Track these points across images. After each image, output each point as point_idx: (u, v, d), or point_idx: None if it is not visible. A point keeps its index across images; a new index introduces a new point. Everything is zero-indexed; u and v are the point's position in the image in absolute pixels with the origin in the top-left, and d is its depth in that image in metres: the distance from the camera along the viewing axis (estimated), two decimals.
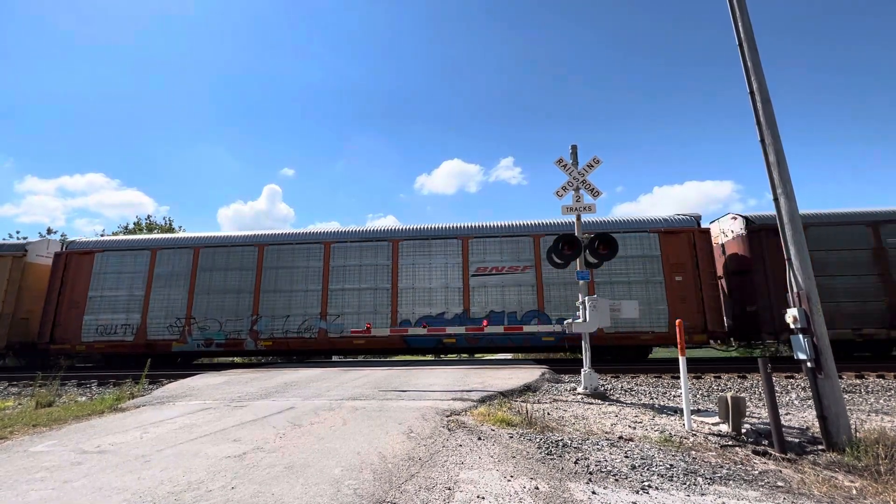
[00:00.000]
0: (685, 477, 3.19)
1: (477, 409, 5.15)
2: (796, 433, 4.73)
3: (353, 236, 12.78)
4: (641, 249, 11.74)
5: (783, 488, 3.11)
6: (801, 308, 4.47)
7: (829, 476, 3.45)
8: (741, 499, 2.84)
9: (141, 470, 3.18)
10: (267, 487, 2.79)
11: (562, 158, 7.24)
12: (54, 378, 7.91)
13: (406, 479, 2.98)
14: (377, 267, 12.40)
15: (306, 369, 9.86)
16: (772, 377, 4.55)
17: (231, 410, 5.28)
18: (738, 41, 5.26)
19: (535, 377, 7.69)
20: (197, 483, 2.89)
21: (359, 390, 6.52)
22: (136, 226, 28.14)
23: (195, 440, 3.95)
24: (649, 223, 12.00)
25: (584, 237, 6.90)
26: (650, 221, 12.06)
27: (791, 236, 4.72)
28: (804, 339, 4.40)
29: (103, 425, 4.77)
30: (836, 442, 4.12)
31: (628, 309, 6.64)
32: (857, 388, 7.42)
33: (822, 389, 4.30)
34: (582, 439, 4.10)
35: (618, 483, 3.03)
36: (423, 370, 9.26)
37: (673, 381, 8.17)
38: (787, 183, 4.83)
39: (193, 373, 9.95)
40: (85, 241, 13.81)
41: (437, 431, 4.21)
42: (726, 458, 3.74)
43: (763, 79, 5.10)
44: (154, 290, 12.74)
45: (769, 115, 5.00)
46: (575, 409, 5.57)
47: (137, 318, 12.54)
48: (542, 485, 2.93)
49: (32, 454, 3.71)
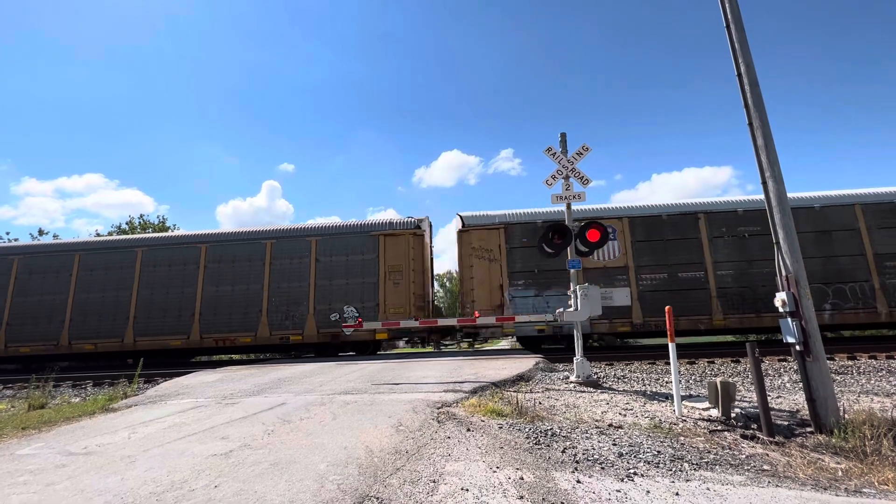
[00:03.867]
0: (671, 463, 3.19)
1: (468, 401, 5.15)
2: (786, 416, 4.75)
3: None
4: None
5: (769, 472, 3.11)
6: (789, 292, 4.46)
7: (816, 458, 3.46)
8: (726, 484, 2.84)
9: (125, 471, 3.16)
10: (250, 485, 2.77)
11: (551, 147, 7.17)
12: (47, 380, 7.89)
13: (391, 472, 2.97)
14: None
15: (301, 364, 9.87)
16: (760, 361, 4.55)
17: (222, 408, 5.27)
18: (726, 22, 5.19)
19: (529, 367, 7.71)
20: (180, 482, 2.87)
21: (352, 384, 6.52)
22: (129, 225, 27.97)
23: (183, 439, 3.94)
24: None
25: (574, 225, 6.87)
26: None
27: (779, 220, 4.69)
28: (793, 322, 4.39)
29: (93, 426, 4.75)
30: (824, 424, 4.14)
31: (620, 296, 6.64)
32: (848, 369, 7.47)
33: (811, 372, 4.30)
34: (571, 428, 4.10)
35: (603, 471, 3.03)
36: (417, 362, 9.28)
37: (666, 368, 8.20)
38: (775, 165, 4.79)
39: (189, 371, 9.95)
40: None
41: (426, 424, 4.21)
42: (714, 444, 3.74)
43: (751, 60, 5.04)
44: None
45: (757, 98, 4.94)
46: (567, 398, 5.58)
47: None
48: (527, 475, 2.92)
49: (18, 457, 3.69)
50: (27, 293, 13.52)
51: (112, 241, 14.97)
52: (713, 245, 11.75)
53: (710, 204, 12.18)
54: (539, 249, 7.10)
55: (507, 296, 11.83)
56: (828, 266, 11.29)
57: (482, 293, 11.97)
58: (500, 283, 11.95)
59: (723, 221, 11.86)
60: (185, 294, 13.03)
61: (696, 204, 12.26)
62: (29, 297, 13.46)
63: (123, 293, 13.25)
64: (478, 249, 12.21)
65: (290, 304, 12.66)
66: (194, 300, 12.94)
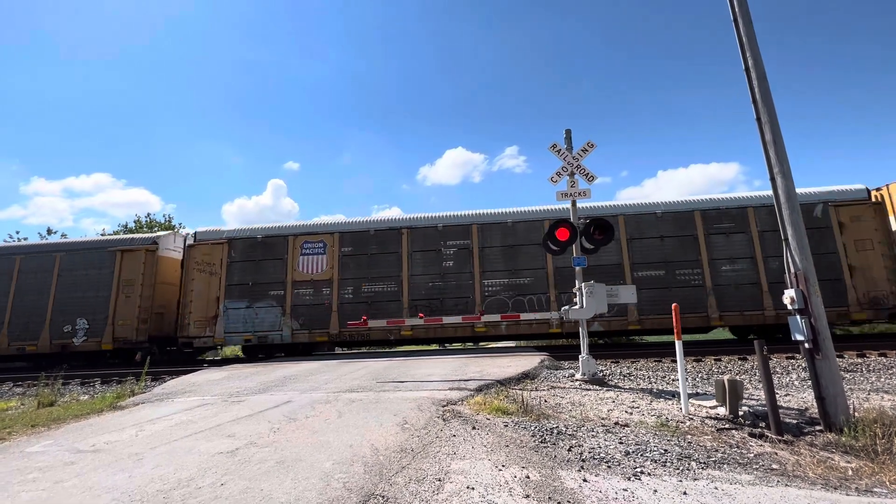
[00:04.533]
0: (679, 462, 3.16)
1: (473, 399, 5.14)
2: (795, 414, 4.70)
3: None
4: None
5: (777, 471, 3.08)
6: (798, 289, 4.41)
7: (826, 457, 3.42)
8: (734, 483, 2.82)
9: (133, 468, 3.18)
10: (256, 483, 2.78)
11: (556, 144, 7.13)
12: (56, 378, 7.97)
13: (397, 471, 2.96)
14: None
15: (307, 362, 9.90)
16: (768, 359, 4.51)
17: (228, 406, 5.30)
18: (733, 15, 5.12)
19: (534, 365, 7.69)
20: (187, 480, 2.88)
21: (357, 382, 6.53)
22: (136, 224, 28.17)
23: (189, 437, 3.96)
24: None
25: (580, 222, 6.83)
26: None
27: (788, 216, 4.63)
28: (801, 320, 4.34)
29: (101, 424, 4.79)
30: (834, 423, 4.09)
31: (626, 294, 6.60)
32: (858, 367, 7.38)
33: (820, 370, 4.25)
34: (577, 426, 4.08)
35: (610, 470, 3.01)
36: (422, 360, 9.28)
37: (673, 365, 8.14)
38: (784, 161, 4.73)
39: (195, 368, 10.02)
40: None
41: (431, 422, 4.21)
42: (722, 442, 3.71)
43: (759, 54, 4.97)
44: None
45: (765, 92, 4.88)
46: (572, 396, 5.56)
47: None
48: (532, 473, 2.91)
49: (28, 454, 3.73)
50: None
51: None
52: (412, 259, 12.19)
53: (411, 220, 12.65)
54: (544, 247, 7.07)
55: (223, 307, 12.26)
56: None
57: (199, 304, 12.41)
58: (217, 296, 12.41)
59: (421, 237, 12.30)
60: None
61: (400, 220, 12.79)
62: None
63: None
64: (201, 263, 12.67)
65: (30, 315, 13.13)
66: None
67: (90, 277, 13.09)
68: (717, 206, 11.57)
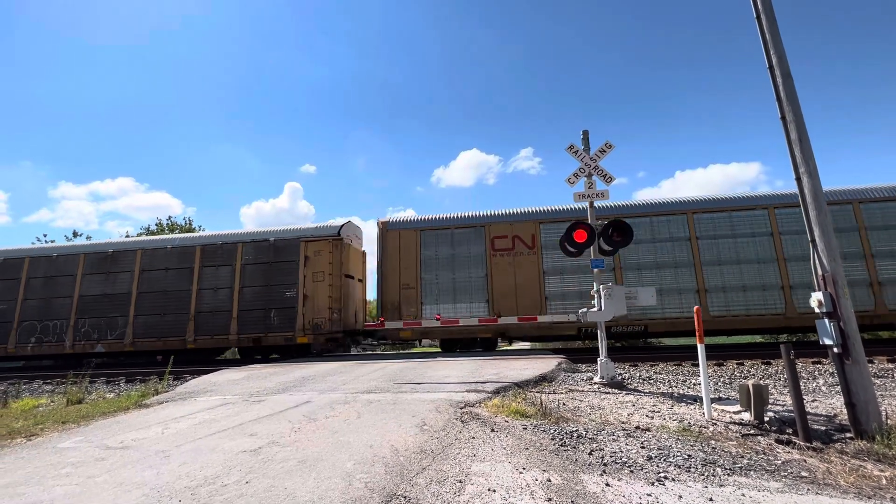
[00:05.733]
0: (703, 468, 3.10)
1: (491, 401, 5.13)
2: (823, 421, 4.57)
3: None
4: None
5: (807, 479, 3.00)
6: (826, 291, 4.29)
7: (857, 465, 3.31)
8: (762, 490, 2.75)
9: (160, 465, 3.26)
10: (280, 482, 2.82)
11: (573, 145, 7.08)
12: (84, 376, 8.21)
13: (417, 472, 2.98)
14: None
15: (324, 363, 10.00)
16: (795, 363, 4.39)
17: (249, 405, 5.39)
18: (756, 13, 5.02)
19: (551, 367, 7.63)
20: (213, 477, 2.94)
21: (374, 383, 6.57)
22: (157, 227, 28.88)
23: (213, 435, 4.04)
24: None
25: (597, 224, 6.76)
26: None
27: (815, 217, 4.51)
28: (830, 323, 4.22)
29: (127, 421, 4.92)
30: (865, 430, 3.96)
31: (644, 295, 6.50)
32: (889, 372, 7.14)
33: (850, 375, 4.12)
34: (597, 430, 4.04)
35: (633, 475, 2.97)
36: (438, 362, 9.29)
37: (693, 369, 7.99)
38: (811, 160, 4.61)
39: (215, 368, 10.21)
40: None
41: (450, 424, 4.21)
42: (747, 448, 3.63)
43: (783, 52, 4.86)
44: None
45: (790, 90, 4.76)
46: (591, 400, 5.50)
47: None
48: (554, 477, 2.89)
49: (60, 450, 3.85)
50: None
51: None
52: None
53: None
54: (561, 248, 7.02)
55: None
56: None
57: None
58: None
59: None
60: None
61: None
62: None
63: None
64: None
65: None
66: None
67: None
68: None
